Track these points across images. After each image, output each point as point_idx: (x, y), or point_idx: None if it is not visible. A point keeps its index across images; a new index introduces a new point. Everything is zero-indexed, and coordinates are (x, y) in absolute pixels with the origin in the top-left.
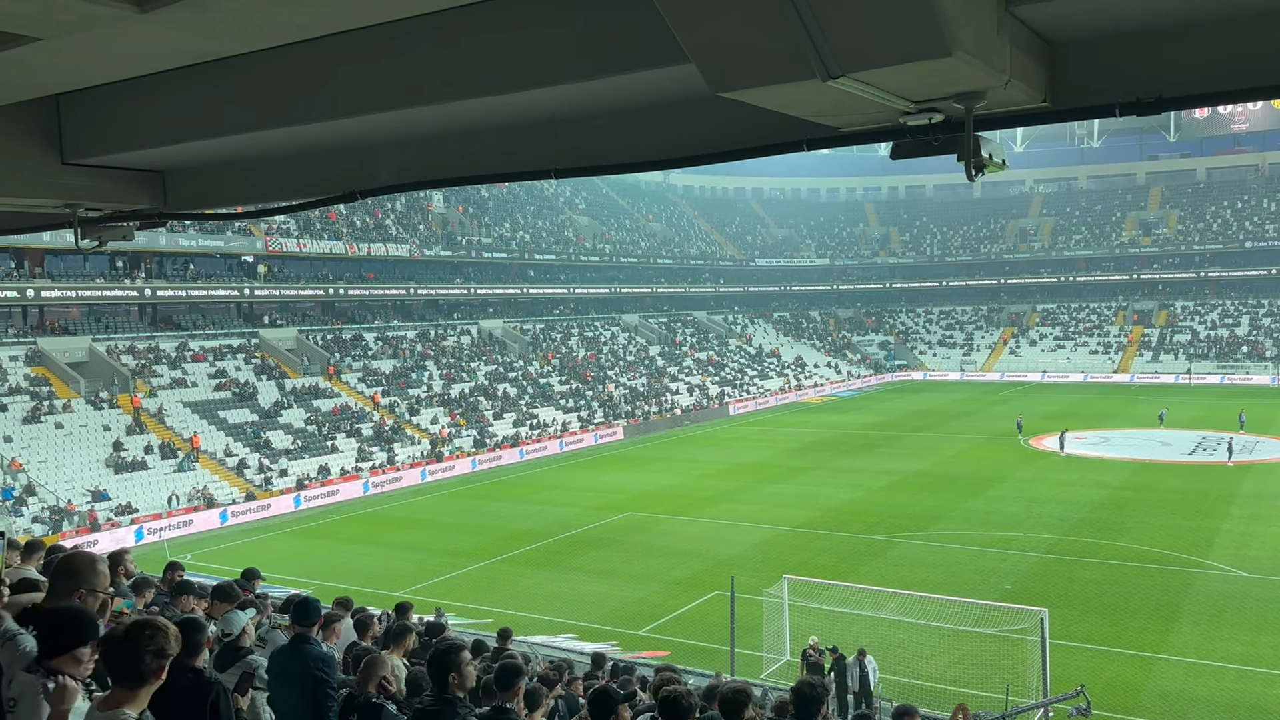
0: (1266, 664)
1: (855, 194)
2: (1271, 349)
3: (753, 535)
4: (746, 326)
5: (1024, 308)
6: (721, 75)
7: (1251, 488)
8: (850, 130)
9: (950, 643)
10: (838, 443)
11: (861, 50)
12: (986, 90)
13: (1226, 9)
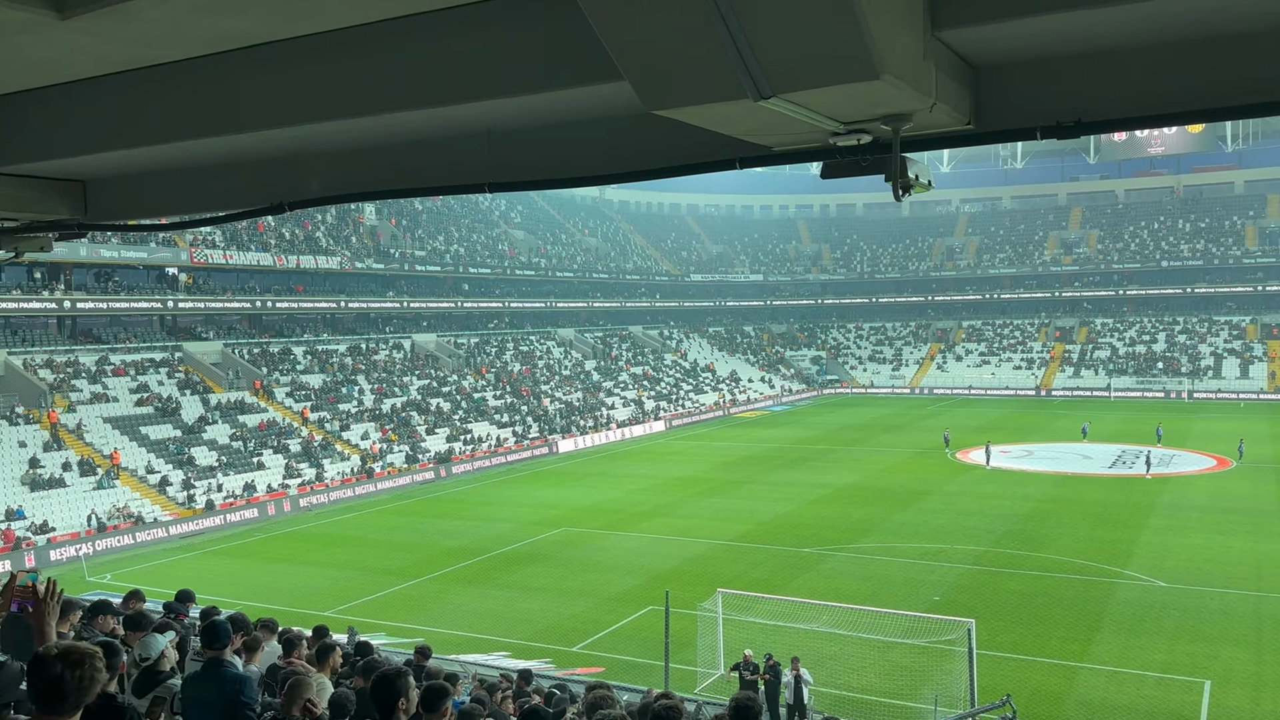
0: (1184, 671)
1: (788, 211)
2: (1187, 365)
3: (688, 549)
4: (682, 341)
5: (951, 324)
6: (656, 93)
7: (1169, 499)
8: (782, 149)
9: (881, 654)
10: (772, 457)
11: (792, 72)
12: (913, 112)
13: (1141, 37)
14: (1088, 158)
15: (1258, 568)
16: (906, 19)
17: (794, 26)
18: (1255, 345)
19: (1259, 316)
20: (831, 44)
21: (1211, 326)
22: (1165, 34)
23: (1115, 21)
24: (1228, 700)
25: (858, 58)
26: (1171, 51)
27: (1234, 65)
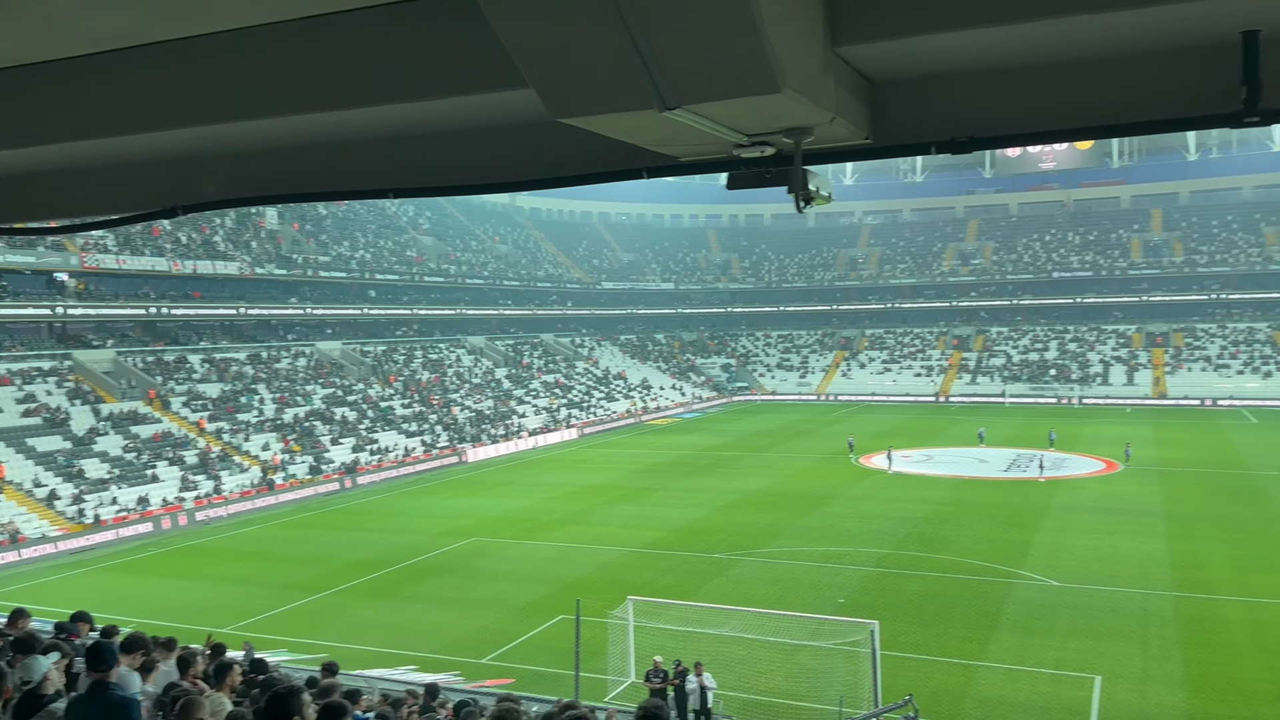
0: (1076, 668)
1: (699, 221)
2: (1077, 372)
3: (599, 557)
4: (594, 349)
5: (854, 332)
6: (560, 102)
7: (1061, 501)
8: (689, 160)
9: (788, 657)
10: (682, 463)
11: (696, 84)
12: (814, 126)
13: (1028, 58)
14: (984, 172)
15: (1143, 566)
16: (807, 35)
17: (698, 40)
18: (1140, 353)
19: (1144, 325)
20: (734, 58)
21: (1100, 335)
22: (1050, 55)
23: (1003, 41)
24: (1116, 695)
25: (760, 72)
26: (1056, 72)
27: (1114, 86)
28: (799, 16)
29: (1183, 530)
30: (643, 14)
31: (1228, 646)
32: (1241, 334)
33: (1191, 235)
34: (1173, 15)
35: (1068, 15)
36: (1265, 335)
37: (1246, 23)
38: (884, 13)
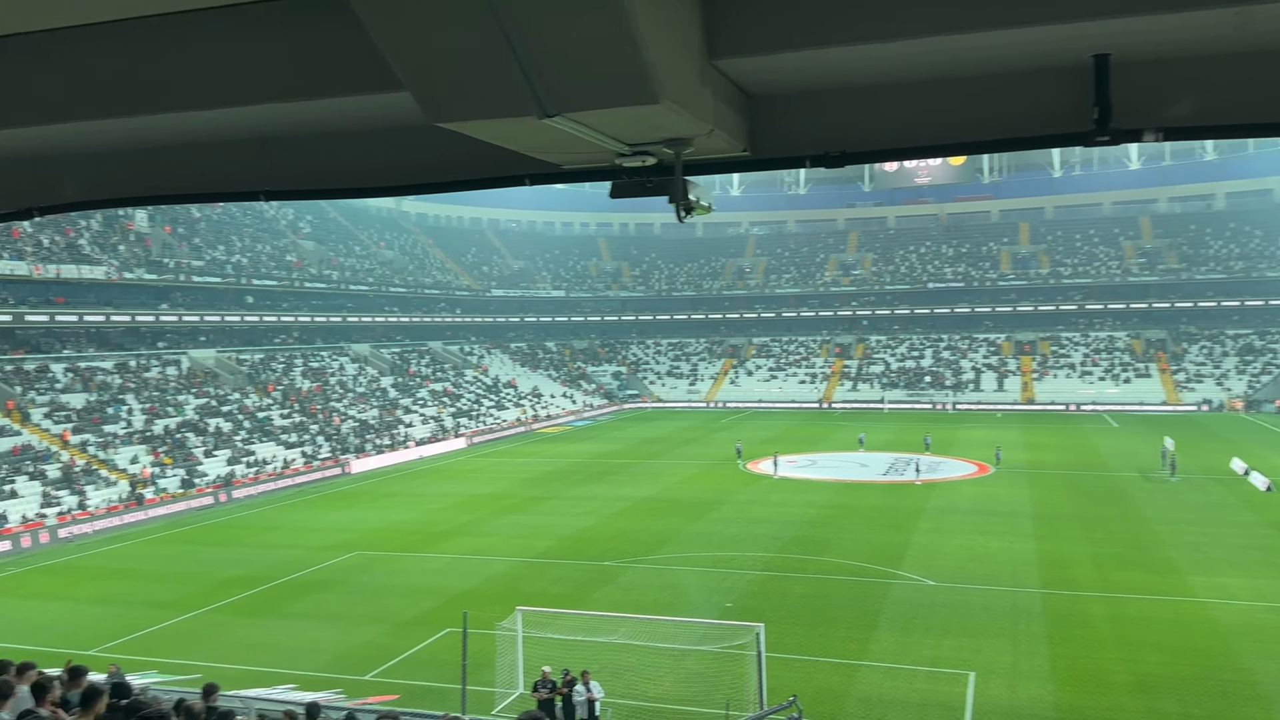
0: (951, 665)
1: (589, 228)
2: (951, 379)
3: (488, 568)
4: (483, 357)
5: (742, 340)
6: (438, 106)
7: (936, 504)
8: (571, 167)
9: (676, 662)
10: (573, 471)
11: (575, 93)
12: (693, 137)
13: (899, 75)
14: (863, 186)
15: (1013, 565)
16: (684, 47)
17: (576, 49)
18: (1010, 361)
19: (1013, 334)
20: (613, 68)
21: (972, 343)
22: (916, 75)
23: (871, 61)
24: (989, 690)
25: (638, 82)
26: (923, 90)
27: (976, 105)
28: (677, 29)
29: (1049, 530)
30: (519, 22)
31: (1091, 640)
32: (1103, 342)
33: (1056, 248)
34: (1028, 39)
35: (924, 37)
36: (1124, 344)
37: (1097, 47)
38: (758, 29)
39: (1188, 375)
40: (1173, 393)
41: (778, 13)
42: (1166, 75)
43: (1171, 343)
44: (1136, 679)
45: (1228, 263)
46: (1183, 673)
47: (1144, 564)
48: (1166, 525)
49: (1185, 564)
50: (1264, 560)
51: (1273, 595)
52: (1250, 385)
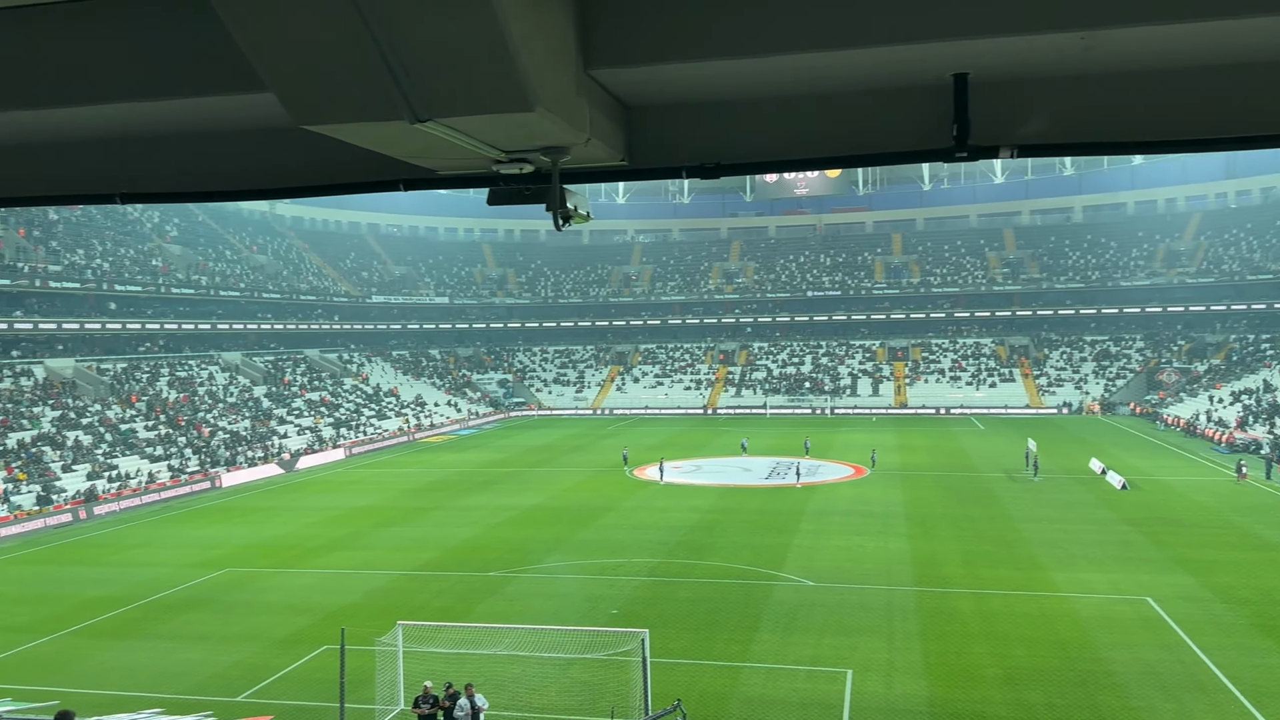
0: (830, 663)
1: (473, 234)
2: (829, 384)
3: (368, 583)
4: (363, 365)
5: (628, 347)
6: (305, 108)
7: (816, 506)
8: (447, 174)
9: (561, 672)
10: (458, 481)
11: (448, 98)
12: (570, 146)
13: (769, 90)
14: (744, 196)
15: (888, 564)
16: (559, 56)
17: (449, 55)
18: (884, 366)
19: (886, 341)
20: (486, 74)
21: (849, 350)
22: (784, 90)
23: (743, 74)
24: (866, 687)
25: (512, 89)
26: (792, 105)
27: (843, 120)
28: (551, 38)
29: (922, 529)
30: (388, 26)
31: (961, 636)
32: (970, 348)
33: (927, 259)
34: (892, 58)
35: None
36: (990, 350)
37: (956, 67)
38: (632, 41)
39: (1049, 380)
40: (1035, 396)
41: (652, 26)
42: (1020, 95)
43: (1034, 349)
44: (1004, 672)
45: (1085, 272)
46: (1046, 664)
47: (1010, 561)
48: (1030, 523)
49: (1048, 560)
50: (1120, 555)
51: (1128, 588)
52: (1106, 389)
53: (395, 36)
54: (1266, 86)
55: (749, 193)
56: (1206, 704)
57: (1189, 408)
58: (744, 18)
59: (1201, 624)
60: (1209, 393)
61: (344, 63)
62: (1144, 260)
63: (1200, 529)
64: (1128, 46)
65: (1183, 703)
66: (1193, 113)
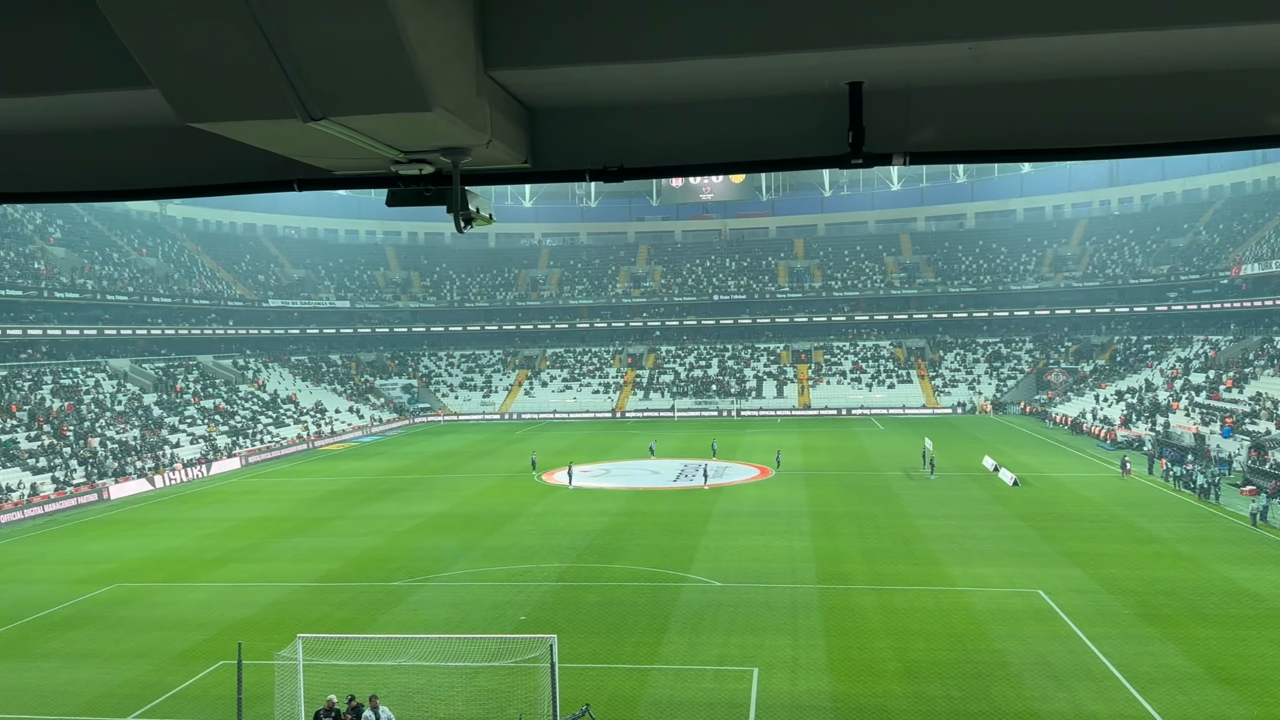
0: (737, 662)
1: (376, 237)
2: (735, 387)
3: (266, 595)
4: (260, 371)
5: (536, 351)
6: (191, 105)
7: (723, 507)
8: (344, 174)
9: (468, 680)
10: (360, 490)
11: (342, 96)
12: (470, 147)
13: (670, 95)
14: (651, 200)
15: (793, 563)
16: (458, 56)
17: (343, 52)
18: (788, 369)
19: (790, 344)
20: (381, 73)
21: (754, 353)
22: (685, 95)
23: (644, 78)
24: (772, 684)
25: (409, 88)
26: (694, 110)
27: (743, 126)
28: (449, 37)
29: (825, 528)
30: (278, 21)
31: (863, 631)
32: (870, 351)
33: (828, 263)
34: (789, 65)
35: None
36: (889, 352)
37: (851, 75)
38: (532, 42)
39: (944, 380)
40: (931, 396)
41: (552, 28)
42: (913, 104)
43: (930, 350)
44: (904, 666)
45: (977, 277)
46: (944, 657)
47: (909, 557)
48: (928, 520)
49: (945, 555)
50: (1012, 550)
51: (1020, 581)
52: (998, 389)
53: (286, 32)
54: (1148, 97)
55: (655, 197)
56: (1095, 692)
57: (1076, 406)
58: (643, 22)
59: (1090, 614)
60: (1094, 392)
61: (232, 59)
62: (1033, 265)
63: (1087, 523)
64: (1015, 58)
65: (1073, 691)
66: (1077, 122)
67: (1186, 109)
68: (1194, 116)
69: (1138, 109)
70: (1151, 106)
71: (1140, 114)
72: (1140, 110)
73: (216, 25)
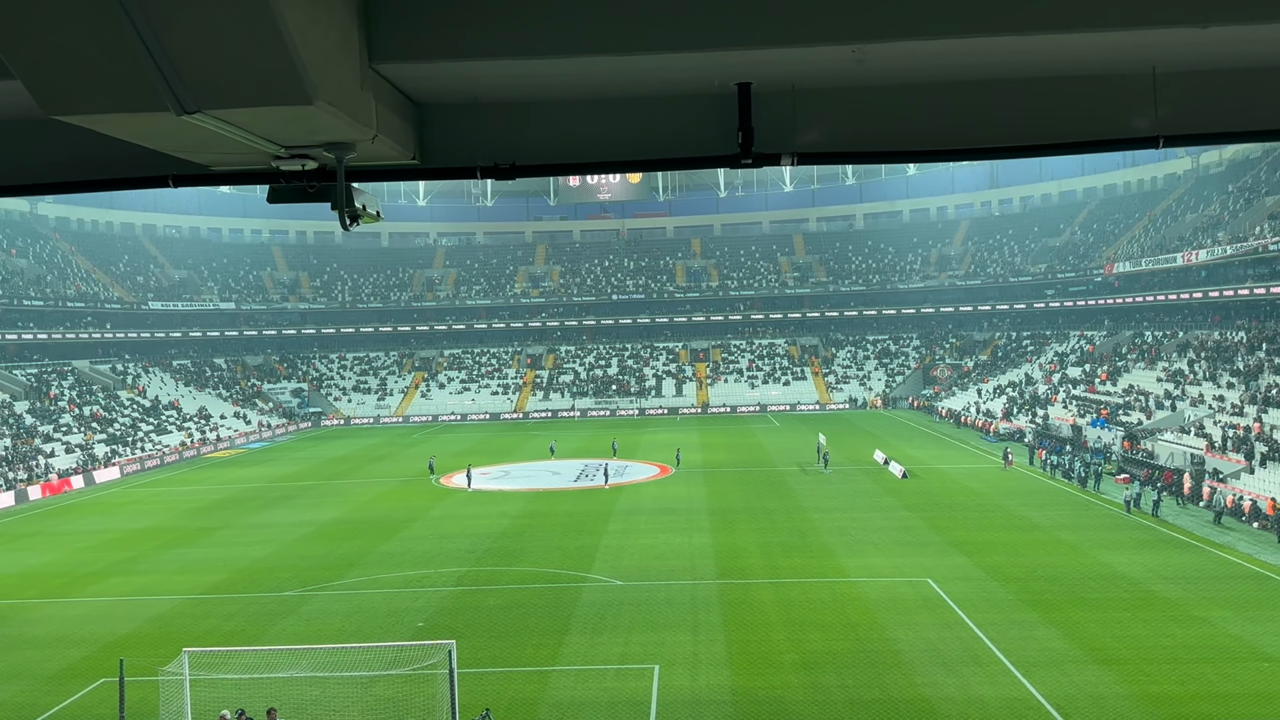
0: (638, 660)
1: (262, 236)
2: (635, 386)
3: (149, 609)
4: (140, 377)
5: (433, 353)
6: (55, 97)
7: (624, 506)
8: (222, 169)
9: (364, 690)
10: (249, 498)
11: (218, 89)
12: (355, 142)
13: (565, 93)
14: (549, 200)
15: (693, 559)
16: (341, 48)
17: (217, 44)
18: (687, 367)
19: (688, 343)
20: (259, 64)
21: (653, 352)
22: (576, 93)
23: (533, 75)
24: (673, 681)
25: (288, 81)
26: (585, 109)
27: (635, 125)
28: (332, 29)
29: (723, 524)
30: (147, 9)
31: (761, 625)
32: (765, 349)
33: (725, 263)
34: (677, 64)
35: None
36: (783, 350)
37: (739, 76)
38: (417, 36)
39: (837, 377)
40: (824, 393)
41: (437, 22)
42: (800, 105)
43: (823, 348)
44: (801, 657)
45: (867, 276)
46: (839, 647)
47: (804, 550)
48: (821, 513)
49: (839, 547)
50: (901, 540)
51: (910, 571)
52: (888, 385)
53: (156, 21)
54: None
55: (553, 196)
56: (983, 676)
57: (960, 400)
58: (529, 19)
59: (976, 601)
60: (977, 386)
61: (98, 48)
62: (919, 264)
63: (973, 513)
64: (897, 61)
65: (962, 677)
66: (958, 124)
67: (1059, 112)
68: (1066, 119)
69: (1014, 112)
70: (1027, 110)
71: (1016, 117)
72: (1016, 113)
73: (79, 12)
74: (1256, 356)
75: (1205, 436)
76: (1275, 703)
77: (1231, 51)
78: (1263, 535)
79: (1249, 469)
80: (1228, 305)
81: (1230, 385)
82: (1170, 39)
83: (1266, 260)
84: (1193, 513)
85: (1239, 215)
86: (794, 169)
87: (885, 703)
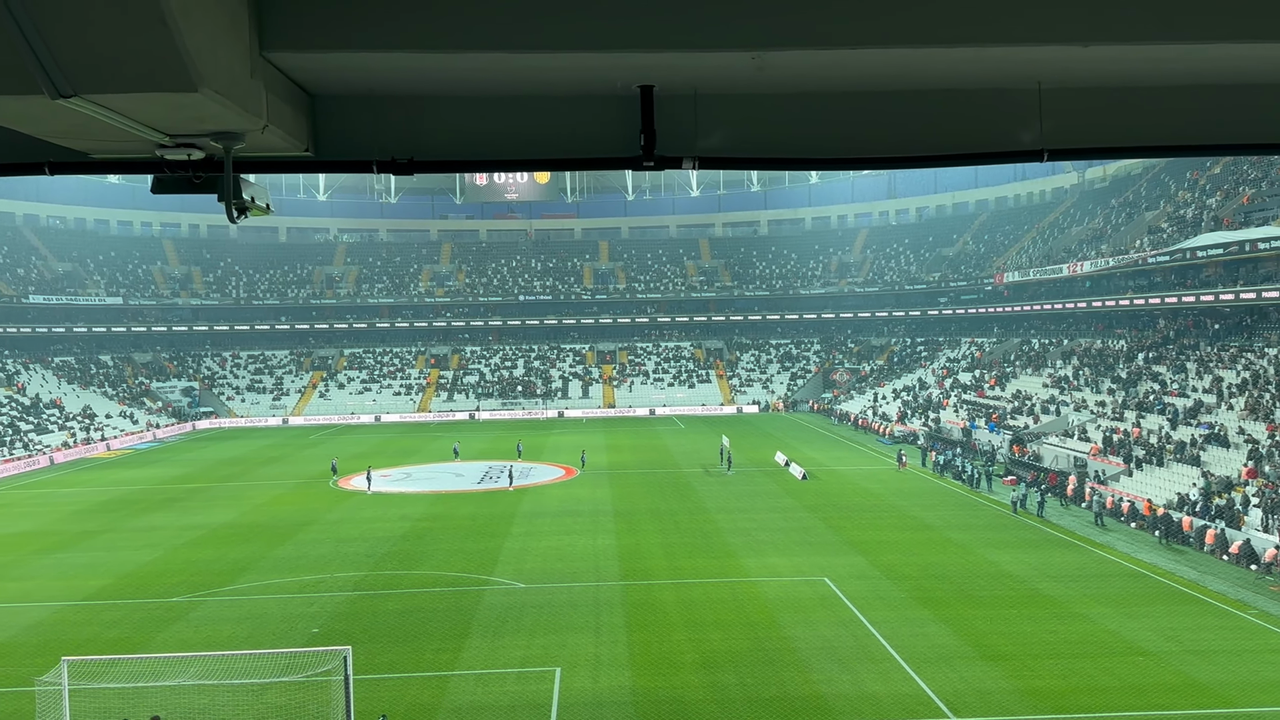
0: (539, 663)
1: (152, 229)
2: (541, 387)
3: (25, 617)
4: (19, 374)
5: (332, 352)
6: None
7: (528, 508)
8: (102, 157)
9: (256, 698)
10: (134, 500)
11: (96, 73)
12: (244, 132)
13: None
14: (455, 198)
15: (596, 561)
16: (230, 35)
17: (94, 25)
18: (594, 369)
19: (595, 345)
20: (141, 48)
21: (560, 353)
22: (478, 89)
23: (432, 70)
24: (574, 683)
25: (171, 66)
26: (486, 105)
27: (536, 123)
28: (219, 13)
29: (628, 525)
30: None
31: (663, 625)
32: (671, 352)
33: (632, 266)
34: (578, 64)
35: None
36: (689, 353)
37: (641, 79)
38: (312, 25)
39: (741, 380)
40: (729, 395)
41: (332, 10)
42: (701, 110)
43: (727, 351)
44: (701, 657)
45: (770, 281)
46: (738, 647)
47: (707, 550)
48: (724, 514)
49: (740, 547)
50: (801, 540)
51: (808, 570)
52: (790, 388)
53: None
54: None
55: (459, 195)
56: (876, 673)
57: (858, 404)
58: (428, 11)
59: (871, 600)
60: (874, 390)
61: None
62: (820, 271)
63: (868, 513)
64: (796, 69)
65: (856, 674)
66: (855, 133)
67: (951, 124)
68: (957, 131)
69: (908, 123)
70: (920, 121)
71: (910, 128)
72: (910, 124)
73: None
74: (1135, 364)
75: (1088, 440)
76: (1148, 695)
77: (1112, 71)
78: (1140, 535)
79: (1128, 471)
80: (1109, 315)
81: (1111, 391)
82: (1054, 56)
83: (1145, 272)
84: (1075, 513)
85: (1121, 229)
86: (700, 174)
87: (782, 700)
